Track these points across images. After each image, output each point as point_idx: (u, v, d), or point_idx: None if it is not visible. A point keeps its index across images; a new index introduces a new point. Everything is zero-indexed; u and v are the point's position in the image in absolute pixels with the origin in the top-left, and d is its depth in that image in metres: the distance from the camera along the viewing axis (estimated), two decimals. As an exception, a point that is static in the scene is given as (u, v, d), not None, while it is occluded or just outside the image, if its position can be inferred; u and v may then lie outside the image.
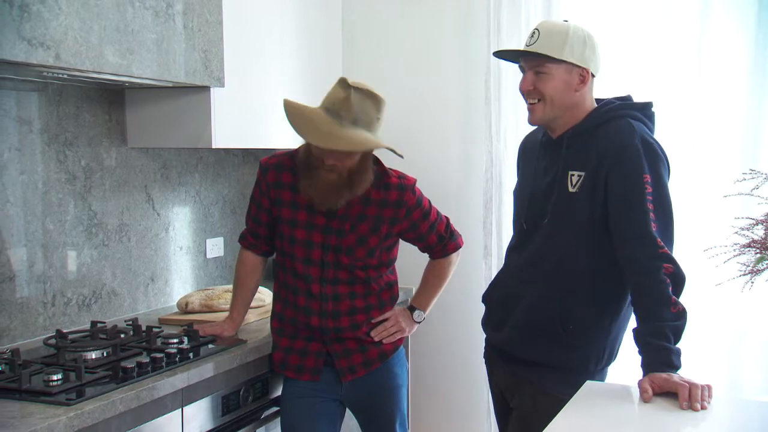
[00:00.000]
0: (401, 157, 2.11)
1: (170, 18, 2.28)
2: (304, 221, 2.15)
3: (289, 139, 2.92)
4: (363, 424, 2.35)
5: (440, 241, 2.29)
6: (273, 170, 2.21)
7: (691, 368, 1.88)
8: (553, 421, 1.60)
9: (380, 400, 2.27)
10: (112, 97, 2.61)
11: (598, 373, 2.03)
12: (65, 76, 2.17)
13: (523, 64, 2.02)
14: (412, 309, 2.36)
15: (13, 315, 2.29)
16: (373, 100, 2.06)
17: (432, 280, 2.38)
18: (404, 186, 2.18)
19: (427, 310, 2.38)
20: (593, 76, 2.00)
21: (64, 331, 2.28)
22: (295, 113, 2.08)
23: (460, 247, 2.37)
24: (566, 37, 1.94)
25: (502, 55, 2.16)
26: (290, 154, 2.22)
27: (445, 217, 2.33)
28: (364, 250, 2.15)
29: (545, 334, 1.99)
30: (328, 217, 2.14)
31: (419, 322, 2.36)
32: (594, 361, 2.00)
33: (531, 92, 1.99)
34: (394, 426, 2.29)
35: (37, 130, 2.35)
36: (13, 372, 1.91)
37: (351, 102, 2.01)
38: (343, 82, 2.05)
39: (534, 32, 1.99)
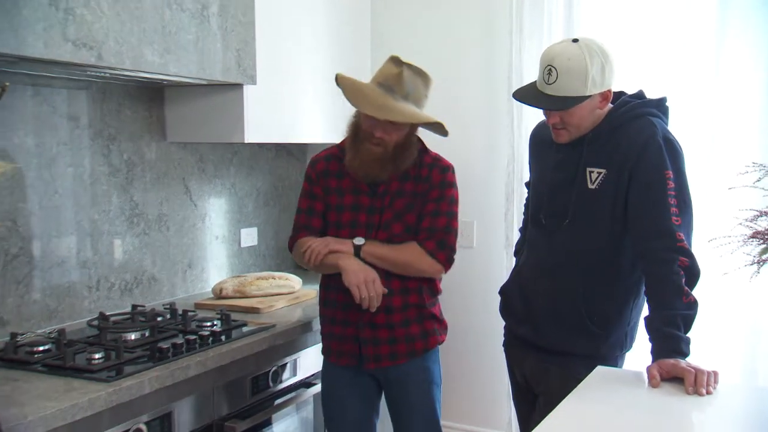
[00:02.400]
0: (446, 135, 2.11)
1: (205, 19, 2.31)
2: (350, 204, 2.14)
3: (319, 134, 2.96)
4: (393, 415, 2.27)
5: (428, 230, 2.12)
6: (321, 161, 2.23)
7: (705, 356, 1.87)
8: (562, 402, 1.61)
9: (411, 394, 2.20)
10: (152, 95, 2.65)
11: (620, 359, 2.04)
12: (107, 74, 2.22)
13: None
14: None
15: (60, 298, 2.35)
16: (423, 77, 2.09)
17: (394, 246, 2.12)
18: (436, 164, 2.16)
19: (367, 246, 2.09)
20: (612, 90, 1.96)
21: (107, 313, 2.34)
22: (349, 86, 2.09)
23: (436, 258, 2.11)
24: (586, 72, 1.85)
25: (521, 99, 2.04)
26: (337, 145, 2.23)
27: (453, 228, 2.15)
28: (401, 226, 2.12)
29: (572, 325, 1.99)
30: (371, 197, 2.13)
31: (356, 245, 2.09)
32: (619, 348, 2.02)
33: (558, 123, 1.95)
34: (420, 424, 2.21)
35: (83, 125, 2.40)
36: (59, 350, 1.98)
37: (403, 78, 2.03)
38: (395, 60, 2.07)
39: (550, 70, 1.89)
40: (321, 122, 2.97)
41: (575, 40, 1.93)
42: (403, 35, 3.21)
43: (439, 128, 2.11)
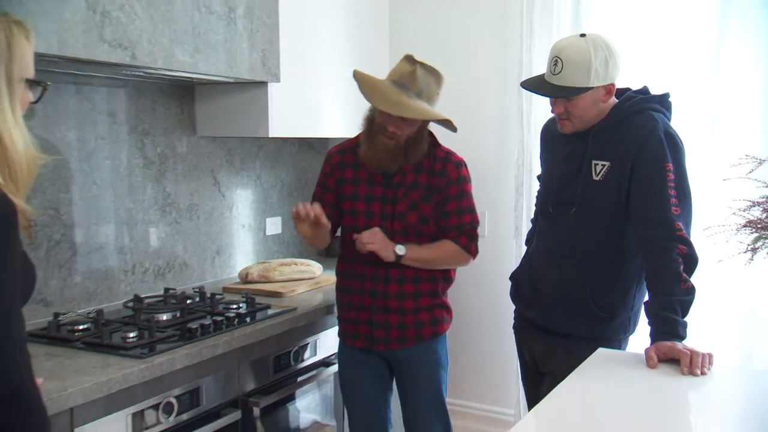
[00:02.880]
0: (455, 131, 2.12)
1: (232, 21, 2.33)
2: (364, 194, 2.15)
3: (339, 129, 2.97)
4: (401, 395, 2.27)
5: (457, 228, 2.14)
6: (337, 154, 2.24)
7: (703, 340, 1.87)
8: (564, 380, 1.62)
9: (418, 375, 2.20)
10: (184, 92, 2.67)
11: (624, 342, 2.04)
12: (141, 73, 2.24)
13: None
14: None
15: (99, 281, 2.38)
16: (435, 76, 2.09)
17: (432, 247, 2.13)
18: (449, 159, 2.15)
19: (408, 253, 2.08)
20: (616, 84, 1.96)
21: (141, 295, 2.36)
22: (365, 82, 2.10)
23: (469, 252, 2.16)
24: (590, 64, 1.87)
25: (529, 87, 2.07)
26: (352, 139, 2.24)
27: (476, 221, 2.18)
28: (417, 216, 2.11)
29: (578, 309, 1.99)
30: (385, 187, 2.13)
31: (398, 254, 2.07)
32: (623, 331, 2.02)
33: (562, 113, 1.96)
34: (427, 403, 2.21)
35: (120, 121, 2.43)
36: (97, 329, 2.01)
37: (417, 76, 2.04)
38: (410, 58, 2.07)
39: (557, 61, 1.91)
40: (341, 118, 2.98)
41: (582, 35, 1.94)
42: (420, 35, 3.22)
43: (448, 125, 2.12)
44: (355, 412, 2.28)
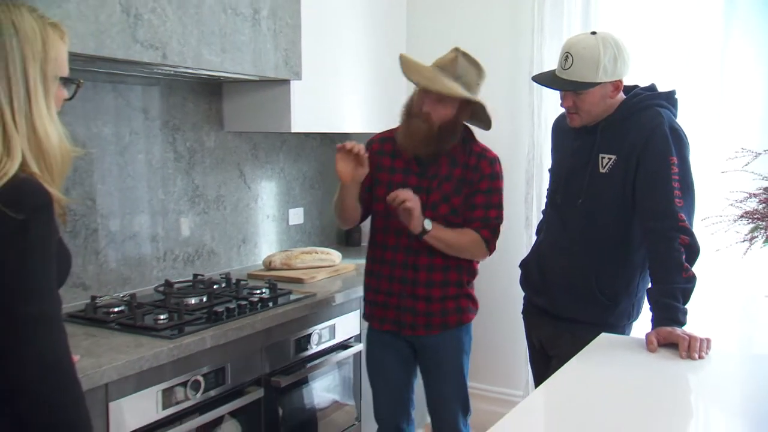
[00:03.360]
0: (488, 128, 2.09)
1: (257, 22, 2.34)
2: (399, 182, 2.09)
3: (359, 124, 2.97)
4: (425, 378, 2.24)
5: (482, 221, 2.08)
6: (377, 142, 2.21)
7: (705, 326, 1.85)
8: (568, 362, 1.63)
9: (442, 360, 2.17)
10: (212, 90, 2.68)
11: (628, 328, 2.03)
12: (172, 72, 2.26)
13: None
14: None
15: (133, 267, 2.42)
16: (477, 67, 2.05)
17: (455, 231, 2.08)
18: (484, 155, 2.11)
19: (433, 231, 2.02)
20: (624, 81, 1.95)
21: (172, 281, 2.40)
22: (407, 62, 2.08)
23: (488, 247, 2.11)
24: (599, 60, 1.86)
25: (540, 81, 2.07)
26: (393, 129, 2.20)
27: (501, 218, 2.12)
28: (448, 208, 2.07)
29: (583, 296, 1.98)
30: (420, 178, 2.08)
31: (425, 227, 2.01)
32: (626, 317, 2.01)
33: (571, 107, 1.95)
34: (450, 386, 2.19)
35: (152, 117, 2.46)
36: (131, 312, 2.04)
37: (457, 62, 2.02)
38: (455, 48, 2.05)
39: (567, 56, 1.91)
40: (360, 113, 2.98)
41: (593, 33, 1.94)
42: (436, 35, 3.20)
43: (481, 113, 2.07)
44: (380, 393, 2.26)
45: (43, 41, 1.17)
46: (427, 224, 2.01)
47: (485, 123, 2.13)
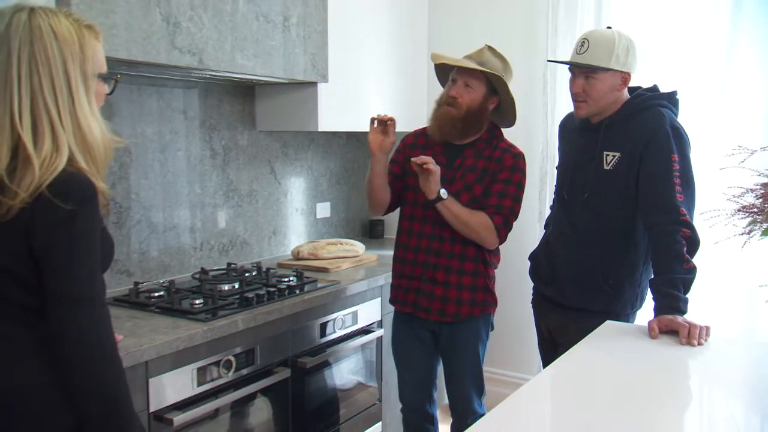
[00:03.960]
0: (512, 124, 2.12)
1: (287, 29, 2.37)
2: None
3: (381, 124, 3.01)
4: (443, 361, 2.23)
5: (495, 207, 2.05)
6: (411, 135, 2.24)
7: (709, 316, 1.84)
8: (573, 347, 1.64)
9: (457, 347, 2.15)
10: (245, 92, 2.72)
11: (632, 316, 2.02)
12: (207, 75, 2.31)
13: (574, 69, 1.97)
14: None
15: (172, 256, 2.47)
16: (502, 60, 2.06)
17: (468, 210, 2.04)
18: (509, 150, 2.10)
19: (448, 201, 2.01)
20: (631, 77, 1.95)
21: (207, 269, 2.45)
22: (436, 55, 2.12)
23: (498, 234, 2.05)
24: (613, 47, 1.88)
25: (556, 62, 2.12)
26: (427, 126, 2.20)
27: (516, 211, 2.08)
28: (468, 196, 2.05)
29: (589, 286, 1.98)
30: (446, 168, 2.07)
31: (440, 196, 2.00)
32: (630, 306, 2.00)
33: (579, 94, 1.95)
34: (466, 371, 2.17)
35: (191, 117, 2.51)
36: (169, 296, 2.10)
37: (483, 52, 2.06)
38: (485, 44, 2.09)
39: (584, 42, 1.93)
40: (383, 113, 2.97)
41: (609, 27, 1.97)
42: (456, 38, 3.21)
43: (506, 107, 2.08)
44: (404, 374, 2.27)
45: (80, 42, 1.19)
46: (443, 192, 2.00)
47: (510, 118, 2.13)
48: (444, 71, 2.17)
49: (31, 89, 1.15)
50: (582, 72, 1.93)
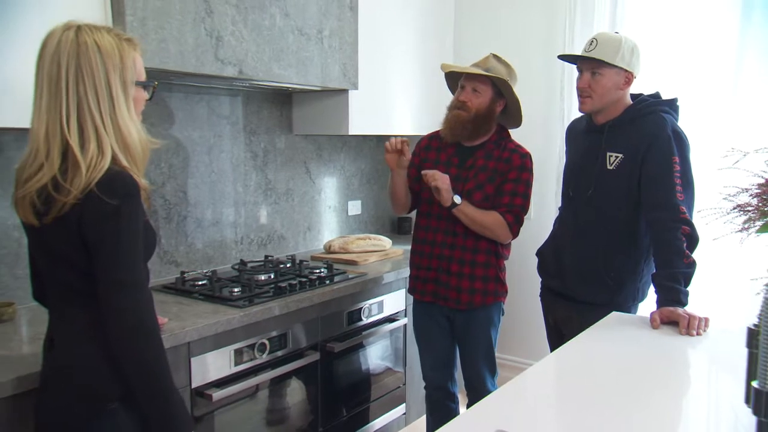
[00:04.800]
0: (518, 124, 2.13)
1: (320, 41, 2.41)
2: (442, 172, 2.08)
3: (408, 127, 3.00)
4: (459, 346, 2.25)
5: (507, 206, 2.07)
6: (426, 138, 2.27)
7: (713, 309, 1.82)
8: (577, 336, 1.64)
9: (470, 332, 2.18)
10: (283, 99, 2.77)
11: (634, 308, 2.00)
12: (248, 84, 2.36)
13: (581, 65, 1.97)
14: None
15: (215, 248, 2.54)
16: (507, 66, 2.09)
17: (482, 211, 2.07)
18: (517, 150, 2.11)
19: (462, 206, 2.05)
20: (635, 77, 1.94)
21: (246, 260, 2.50)
22: (446, 65, 2.17)
23: (511, 230, 2.08)
24: (619, 46, 1.89)
25: (565, 58, 2.12)
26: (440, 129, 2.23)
27: (526, 208, 2.09)
28: (481, 195, 2.08)
29: (593, 279, 1.97)
30: (459, 169, 2.11)
31: (454, 202, 2.04)
32: (631, 299, 1.98)
33: (585, 89, 1.95)
34: (479, 354, 2.19)
35: (233, 122, 2.57)
36: (211, 285, 2.16)
37: (488, 59, 2.08)
38: (489, 53, 2.12)
39: (592, 41, 1.94)
40: (409, 117, 3.01)
41: (616, 32, 1.98)
42: (479, 47, 3.20)
43: (513, 109, 2.09)
44: (425, 356, 2.29)
45: (121, 54, 1.24)
46: (457, 199, 2.04)
47: (517, 119, 2.14)
48: (453, 80, 2.20)
49: (77, 98, 1.21)
50: (589, 68, 1.93)
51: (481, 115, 2.08)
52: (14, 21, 1.61)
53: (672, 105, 1.94)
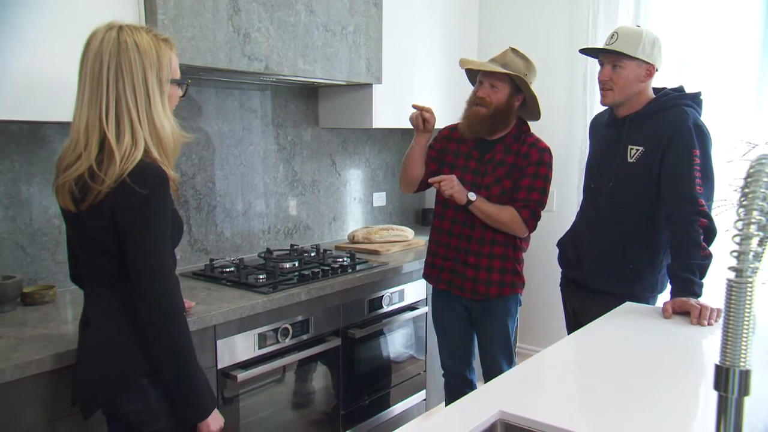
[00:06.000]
0: (537, 118, 2.11)
1: (344, 37, 2.44)
2: (461, 165, 2.13)
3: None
4: (477, 335, 2.25)
5: (524, 201, 2.05)
6: (447, 129, 2.28)
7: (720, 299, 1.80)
8: (592, 322, 1.64)
9: (487, 322, 2.18)
10: (309, 93, 2.81)
11: (653, 300, 1.99)
12: (274, 79, 2.40)
13: (603, 59, 1.95)
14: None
15: (243, 237, 2.60)
16: (525, 60, 2.07)
17: (498, 206, 2.07)
18: (535, 144, 2.09)
19: (477, 202, 2.04)
20: (656, 70, 1.93)
21: (272, 249, 2.55)
22: (464, 60, 2.17)
23: (527, 225, 2.07)
24: (640, 39, 1.88)
25: (586, 52, 2.10)
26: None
27: (543, 202, 2.07)
28: (499, 189, 2.07)
29: (612, 271, 1.97)
30: (478, 162, 2.11)
31: (469, 200, 2.04)
32: (650, 291, 1.97)
33: (606, 82, 1.94)
34: (496, 344, 2.19)
35: (261, 116, 2.62)
36: (238, 272, 2.22)
37: (506, 54, 2.07)
38: (508, 47, 2.11)
39: (614, 34, 1.93)
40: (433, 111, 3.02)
41: (638, 26, 1.96)
42: (503, 41, 3.20)
43: (531, 103, 2.08)
44: (443, 343, 2.31)
45: (158, 53, 1.30)
46: (472, 196, 2.04)
47: (536, 113, 2.13)
48: (473, 74, 2.19)
49: (116, 94, 1.27)
50: (610, 61, 1.92)
51: (500, 110, 2.07)
52: (54, 22, 1.69)
53: (695, 99, 1.91)
